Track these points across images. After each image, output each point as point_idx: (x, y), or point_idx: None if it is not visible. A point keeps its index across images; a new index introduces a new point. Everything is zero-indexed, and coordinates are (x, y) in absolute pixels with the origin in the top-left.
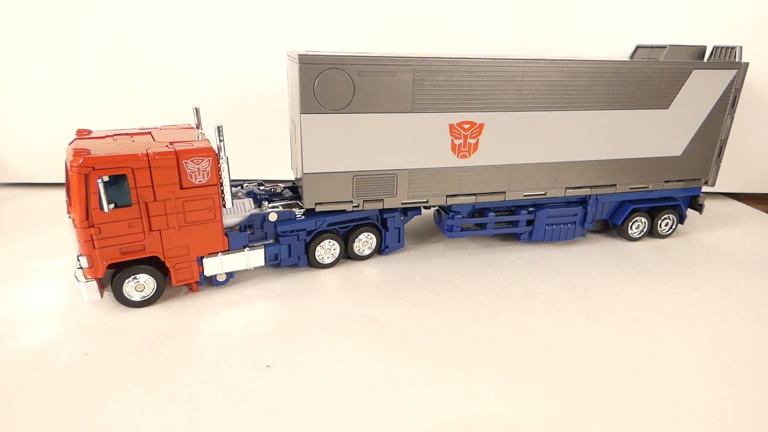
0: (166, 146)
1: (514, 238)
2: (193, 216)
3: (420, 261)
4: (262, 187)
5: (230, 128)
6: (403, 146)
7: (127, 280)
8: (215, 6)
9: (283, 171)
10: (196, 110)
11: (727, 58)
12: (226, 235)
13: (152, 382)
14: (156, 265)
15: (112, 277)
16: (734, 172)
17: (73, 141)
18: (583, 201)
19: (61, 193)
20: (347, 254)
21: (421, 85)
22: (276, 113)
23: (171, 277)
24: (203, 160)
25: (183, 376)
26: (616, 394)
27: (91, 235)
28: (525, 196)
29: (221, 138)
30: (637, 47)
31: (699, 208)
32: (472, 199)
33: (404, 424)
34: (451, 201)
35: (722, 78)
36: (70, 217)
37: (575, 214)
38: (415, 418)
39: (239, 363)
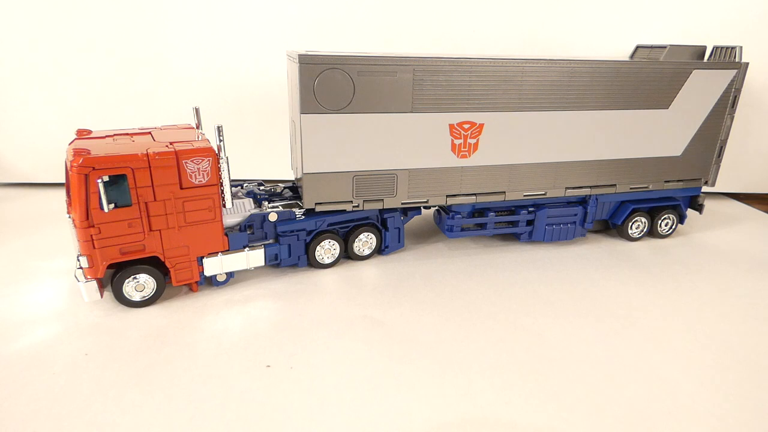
0: (166, 146)
1: (514, 238)
2: (193, 216)
3: (420, 261)
4: (262, 187)
5: (230, 128)
6: (403, 146)
7: (127, 280)
8: (215, 6)
9: (283, 171)
10: (196, 110)
11: (727, 58)
12: (226, 235)
13: (152, 382)
14: (156, 265)
15: (112, 277)
16: (734, 172)
17: (73, 141)
18: (583, 201)
19: (61, 193)
20: (347, 254)
21: (421, 85)
22: (276, 113)
23: (171, 277)
24: (203, 160)
25: (183, 376)
26: (616, 394)
27: (91, 235)
28: (525, 196)
29: (221, 138)
30: (637, 47)
31: (699, 208)
32: (472, 199)
33: (404, 424)
34: (451, 201)
35: (722, 78)
36: (70, 217)
37: (575, 214)
38: (416, 417)
39: (239, 363)
